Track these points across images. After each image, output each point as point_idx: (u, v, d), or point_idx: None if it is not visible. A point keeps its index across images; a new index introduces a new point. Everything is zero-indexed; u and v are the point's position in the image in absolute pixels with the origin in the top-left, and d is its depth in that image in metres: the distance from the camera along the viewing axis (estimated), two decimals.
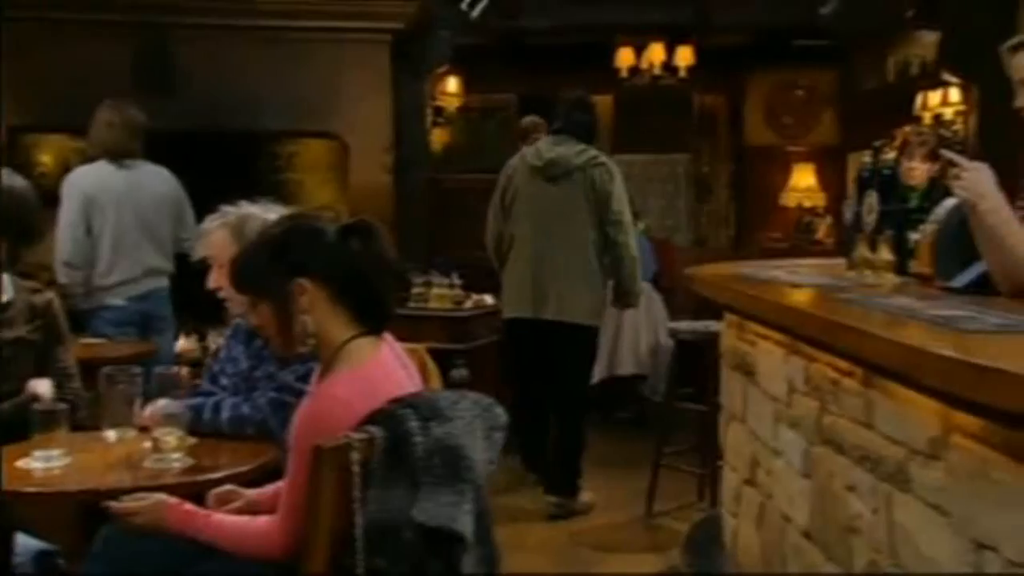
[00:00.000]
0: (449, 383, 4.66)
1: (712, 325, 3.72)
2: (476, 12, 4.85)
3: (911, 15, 5.18)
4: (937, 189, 2.57)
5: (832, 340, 1.90)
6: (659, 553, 3.66)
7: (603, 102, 8.28)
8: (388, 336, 1.80)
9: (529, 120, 4.87)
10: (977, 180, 2.18)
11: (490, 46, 6.48)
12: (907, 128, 5.02)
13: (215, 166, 4.43)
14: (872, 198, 2.81)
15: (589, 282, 4.08)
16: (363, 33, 4.44)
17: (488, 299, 4.91)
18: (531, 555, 3.79)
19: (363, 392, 1.60)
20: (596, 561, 3.73)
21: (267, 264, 1.71)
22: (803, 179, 7.88)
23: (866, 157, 2.98)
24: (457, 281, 4.71)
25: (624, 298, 4.21)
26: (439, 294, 4.65)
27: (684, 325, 4.22)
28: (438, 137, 5.94)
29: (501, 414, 1.66)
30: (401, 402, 1.56)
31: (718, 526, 3.28)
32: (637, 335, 5.70)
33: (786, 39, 6.80)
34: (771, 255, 5.46)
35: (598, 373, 6.01)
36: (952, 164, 2.28)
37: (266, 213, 2.21)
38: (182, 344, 4.32)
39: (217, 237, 2.19)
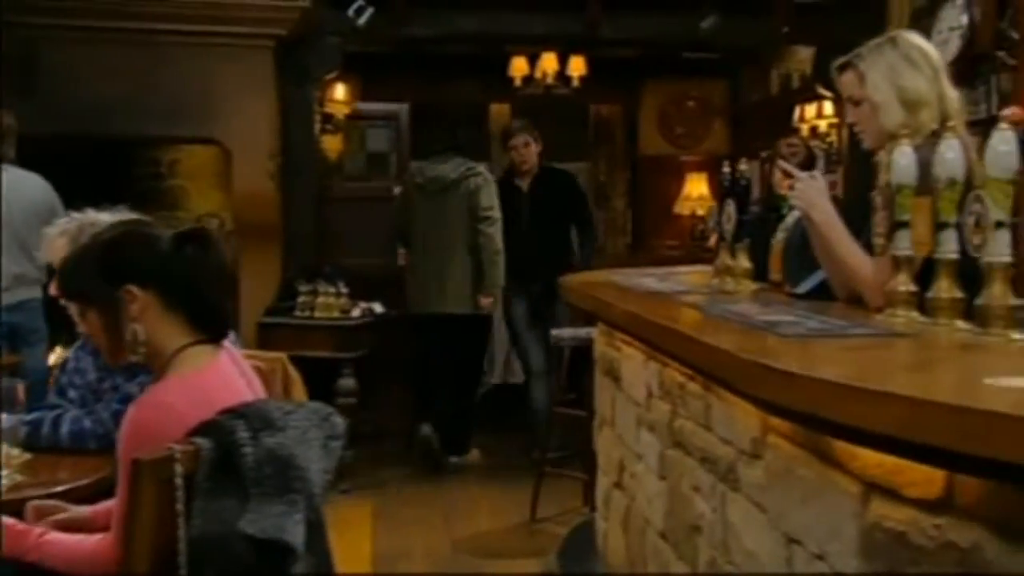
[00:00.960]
0: (337, 392, 4.64)
1: (594, 332, 3.78)
2: (362, 20, 4.83)
3: (787, 31, 5.38)
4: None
5: (664, 345, 1.96)
6: (539, 558, 3.70)
7: (501, 111, 8.37)
8: (228, 345, 1.78)
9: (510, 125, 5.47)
10: (809, 191, 2.28)
11: (385, 54, 6.47)
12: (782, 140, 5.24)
13: (90, 172, 4.30)
14: (730, 207, 2.92)
15: (473, 279, 4.85)
16: (244, 38, 4.37)
17: (377, 307, 4.89)
18: (414, 562, 3.80)
19: (195, 400, 1.59)
20: (477, 567, 3.75)
21: (95, 270, 1.67)
22: (696, 188, 8.07)
23: (743, 165, 3.05)
24: (344, 289, 4.68)
25: (485, 285, 4.88)
26: (325, 303, 4.61)
27: (567, 332, 4.28)
28: (330, 144, 5.88)
29: (339, 423, 1.67)
30: (231, 412, 1.55)
31: (593, 530, 3.35)
32: None
33: (676, 52, 6.98)
34: (666, 262, 5.59)
35: (494, 378, 6.07)
36: (788, 175, 2.39)
37: (113, 220, 2.15)
38: (56, 357, 4.17)
39: (57, 244, 2.13)
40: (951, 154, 1.75)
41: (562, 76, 6.76)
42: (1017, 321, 1.60)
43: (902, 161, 1.90)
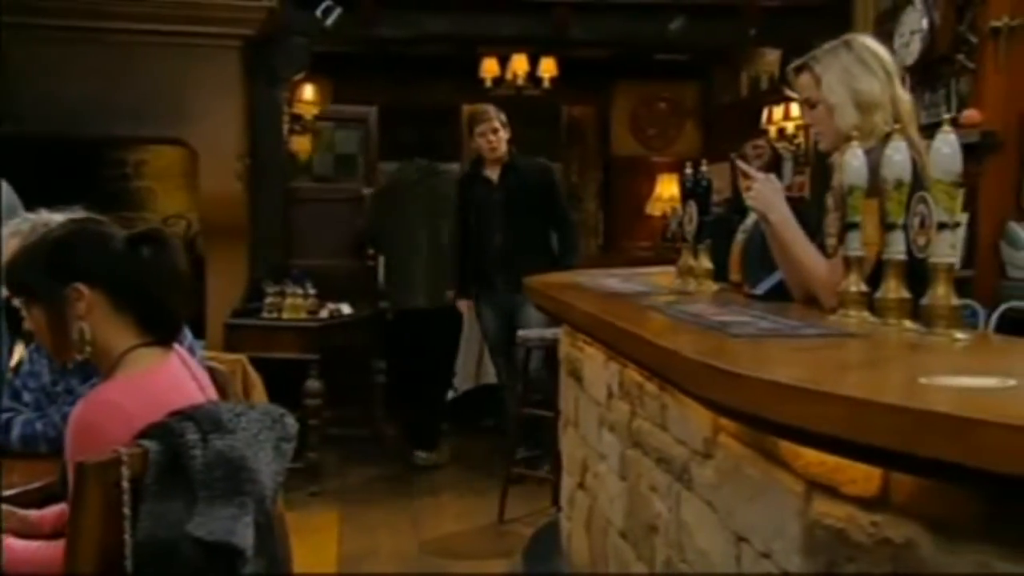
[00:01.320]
0: (304, 393, 4.62)
1: (560, 333, 3.79)
2: (329, 21, 4.81)
3: (754, 33, 5.42)
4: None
5: (620, 346, 1.97)
6: (506, 559, 3.71)
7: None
8: (180, 348, 1.77)
9: (476, 109, 5.08)
10: (766, 193, 2.31)
11: (355, 55, 6.45)
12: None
13: (56, 173, 4.26)
14: (692, 208, 2.94)
15: (448, 276, 5.02)
16: (210, 38, 4.34)
17: (345, 308, 4.88)
18: (381, 563, 3.80)
19: (142, 401, 1.57)
20: (444, 568, 3.75)
21: (42, 266, 1.66)
22: (667, 189, 8.11)
23: (704, 167, 3.07)
24: (312, 291, 4.66)
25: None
26: (293, 304, 4.59)
27: (533, 333, 4.29)
28: (300, 145, 5.86)
29: (292, 424, 1.66)
30: (180, 414, 1.54)
31: (558, 531, 3.36)
32: None
33: (646, 53, 7.01)
34: (638, 263, 5.60)
35: (465, 382, 6.07)
36: (745, 176, 2.41)
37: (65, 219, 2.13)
38: (16, 359, 4.12)
39: (10, 245, 2.11)
40: (898, 156, 1.77)
41: (533, 77, 6.78)
42: (960, 321, 1.63)
43: (853, 163, 1.92)
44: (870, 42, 2.32)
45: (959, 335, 1.61)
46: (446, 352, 5.32)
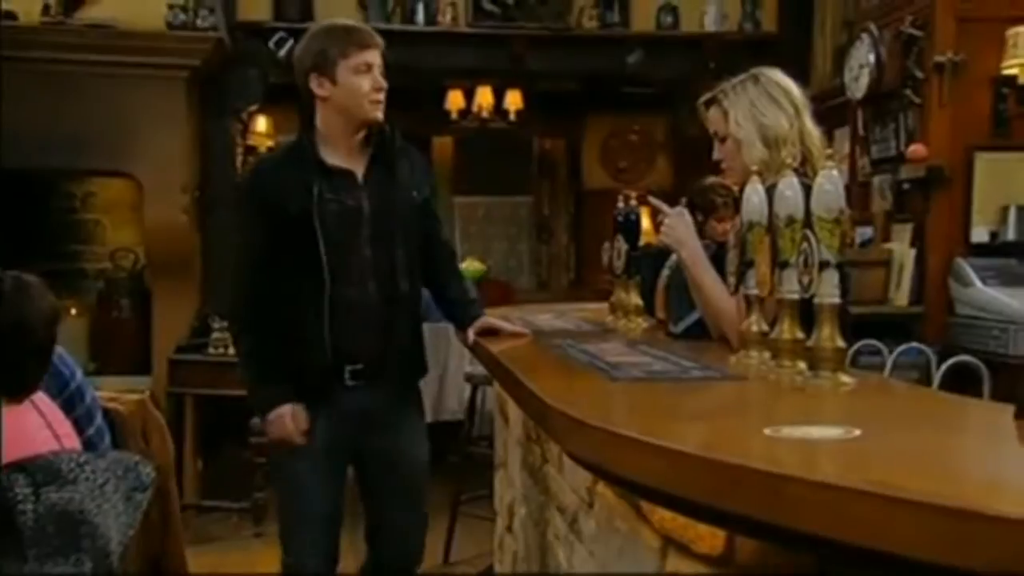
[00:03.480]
0: (250, 431, 4.51)
1: None
2: (283, 52, 4.77)
3: (714, 67, 5.40)
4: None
5: (506, 387, 1.90)
6: None
7: (443, 144, 8.34)
8: (39, 396, 1.69)
9: None
10: (677, 227, 2.25)
11: None
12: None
13: (1, 206, 4.19)
14: (620, 243, 2.87)
15: None
16: (156, 69, 4.29)
17: None
18: None
19: None
20: None
21: None
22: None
23: (633, 200, 3.02)
24: None
25: None
26: None
27: (480, 369, 4.19)
28: None
29: (146, 474, 1.57)
30: (12, 466, 1.46)
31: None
32: (462, 380, 5.66)
33: (614, 85, 7.00)
34: (606, 297, 5.51)
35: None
36: (657, 211, 2.35)
37: None
38: None
39: None
40: (789, 192, 1.70)
41: (499, 110, 6.75)
42: (843, 363, 1.56)
43: (752, 198, 1.86)
44: (778, 76, 2.26)
45: (845, 379, 1.53)
46: None
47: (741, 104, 2.17)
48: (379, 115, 2.30)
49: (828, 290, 1.56)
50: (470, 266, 5.61)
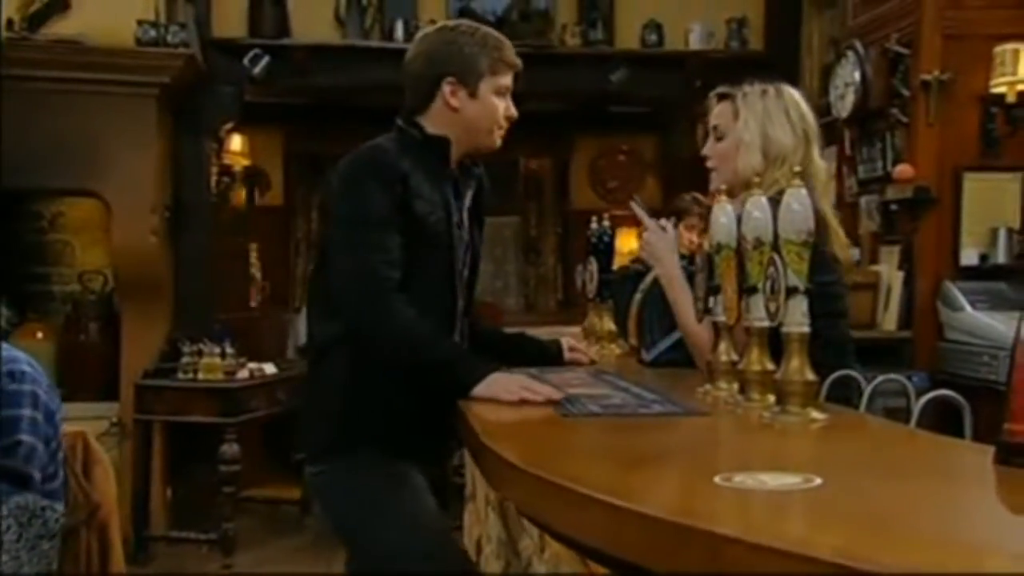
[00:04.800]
0: (219, 459, 4.37)
1: None
2: (258, 69, 4.67)
3: (700, 85, 5.30)
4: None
5: (457, 419, 1.77)
6: None
7: None
8: None
9: None
10: (656, 244, 2.13)
11: (303, 105, 6.33)
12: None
13: None
14: (592, 265, 2.76)
15: None
16: (125, 86, 4.17)
17: (268, 368, 4.65)
18: None
19: None
20: None
21: None
22: (627, 243, 7.92)
23: (606, 221, 2.94)
24: (230, 349, 4.44)
25: None
26: (209, 364, 4.36)
27: None
28: (241, 196, 5.70)
29: (53, 519, 1.44)
30: None
31: None
32: None
33: (600, 105, 6.91)
34: None
35: None
36: (640, 223, 2.23)
37: None
38: None
39: None
40: (758, 212, 1.59)
41: None
42: (814, 397, 1.43)
43: (721, 219, 1.74)
44: (800, 99, 2.15)
45: (816, 415, 1.41)
46: None
47: (755, 108, 2.05)
48: (498, 145, 2.05)
49: (796, 318, 1.44)
50: None
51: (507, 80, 2.02)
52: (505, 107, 2.02)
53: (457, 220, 2.00)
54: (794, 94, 2.13)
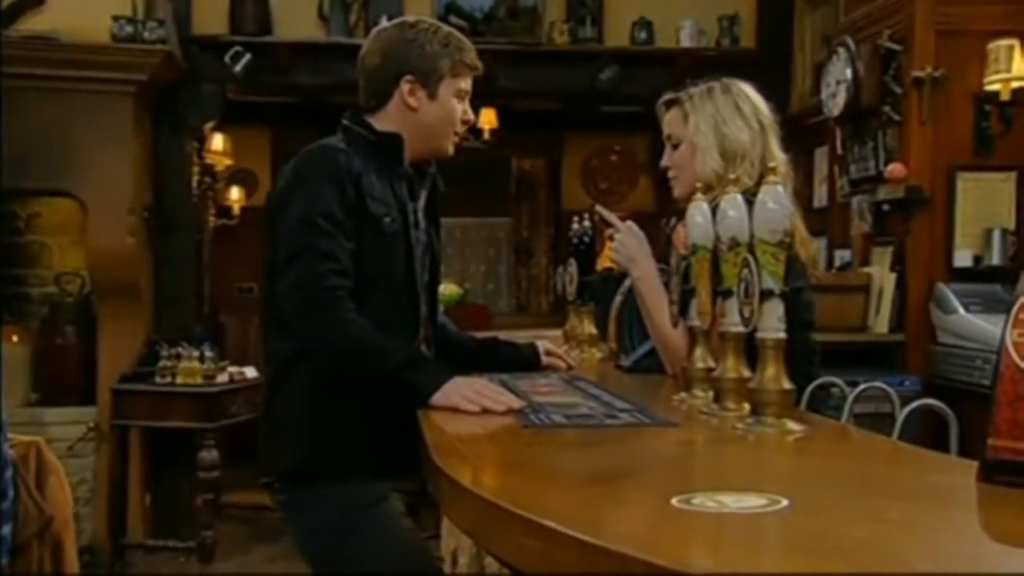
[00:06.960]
0: (198, 465, 4.28)
1: None
2: (239, 67, 4.57)
3: (690, 83, 5.21)
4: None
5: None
6: None
7: None
8: None
9: None
10: (629, 244, 2.05)
11: (290, 104, 6.24)
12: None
13: None
14: (572, 267, 2.67)
15: None
16: (101, 83, 4.08)
17: (249, 372, 4.55)
18: None
19: None
20: None
21: None
22: (611, 244, 7.88)
23: (587, 222, 2.85)
24: (210, 353, 4.34)
25: None
26: (187, 368, 4.27)
27: None
28: (224, 196, 5.61)
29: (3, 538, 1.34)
30: None
31: None
32: None
33: (591, 104, 6.82)
34: None
35: None
36: (607, 224, 2.15)
37: None
38: None
39: None
40: (733, 211, 1.50)
41: (473, 129, 6.56)
42: (790, 407, 1.35)
43: (697, 218, 1.65)
44: (749, 90, 2.07)
45: (792, 426, 1.32)
46: None
47: (705, 110, 1.97)
48: (451, 152, 1.98)
49: (771, 323, 1.36)
50: (446, 290, 5.38)
51: (467, 84, 1.95)
52: (463, 111, 1.94)
53: (413, 221, 1.91)
54: (743, 87, 2.04)
